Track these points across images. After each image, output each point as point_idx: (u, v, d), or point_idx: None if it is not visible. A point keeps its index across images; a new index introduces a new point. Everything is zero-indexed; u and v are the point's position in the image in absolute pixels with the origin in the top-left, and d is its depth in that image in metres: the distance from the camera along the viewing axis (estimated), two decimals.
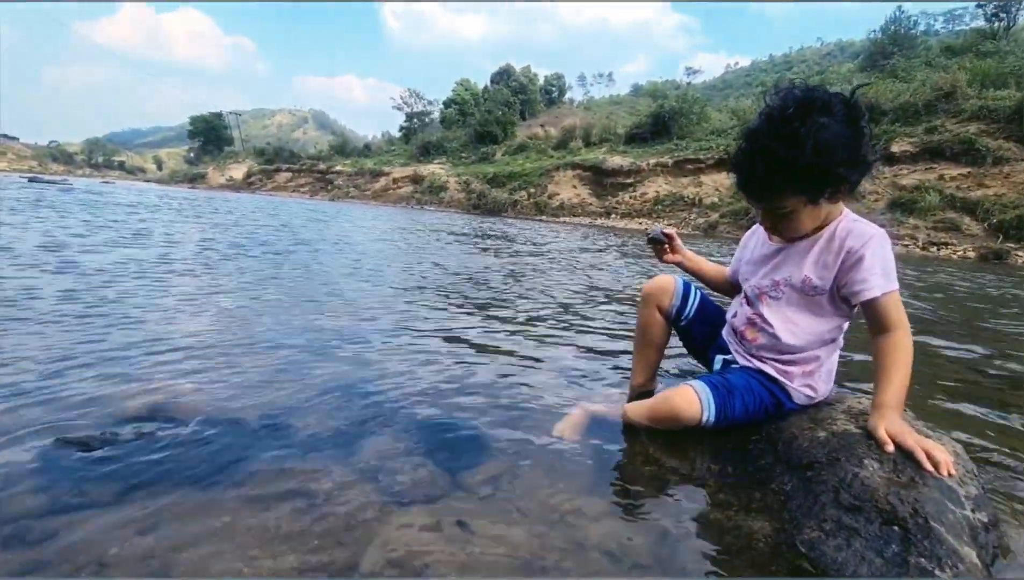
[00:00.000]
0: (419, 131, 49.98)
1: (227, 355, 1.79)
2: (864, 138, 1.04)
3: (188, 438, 1.19)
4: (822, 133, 0.99)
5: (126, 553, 0.81)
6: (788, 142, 1.01)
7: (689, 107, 24.74)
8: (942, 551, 0.80)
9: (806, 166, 1.01)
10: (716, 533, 0.97)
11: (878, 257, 1.09)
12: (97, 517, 0.90)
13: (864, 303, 1.11)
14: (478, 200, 24.37)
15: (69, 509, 0.91)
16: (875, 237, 1.11)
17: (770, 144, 1.04)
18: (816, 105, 1.01)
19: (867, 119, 1.06)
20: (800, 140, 0.99)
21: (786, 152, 1.01)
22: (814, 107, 1.01)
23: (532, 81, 55.86)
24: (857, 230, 1.13)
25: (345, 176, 36.15)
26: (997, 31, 24.93)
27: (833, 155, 1.00)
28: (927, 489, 0.92)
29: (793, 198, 1.09)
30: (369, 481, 1.07)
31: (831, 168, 1.02)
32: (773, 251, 1.28)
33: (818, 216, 1.15)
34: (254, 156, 51.85)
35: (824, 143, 0.99)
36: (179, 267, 3.63)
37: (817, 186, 1.06)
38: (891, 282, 1.09)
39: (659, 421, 1.27)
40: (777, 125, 1.03)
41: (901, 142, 14.90)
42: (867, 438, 1.06)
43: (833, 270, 1.14)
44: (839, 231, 1.15)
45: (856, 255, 1.10)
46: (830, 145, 0.99)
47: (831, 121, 1.00)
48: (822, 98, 1.02)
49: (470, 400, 1.54)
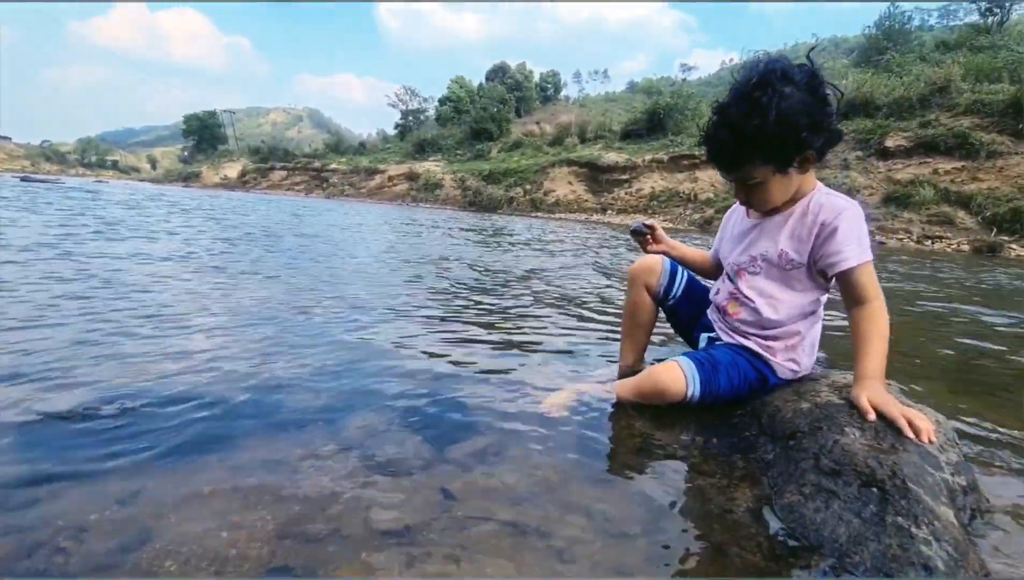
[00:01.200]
0: (414, 129, 49.85)
1: (215, 337, 1.79)
2: (827, 106, 1.05)
3: (172, 414, 1.19)
4: (784, 102, 1.01)
5: (105, 519, 0.81)
6: (752, 112, 1.03)
7: (684, 103, 24.77)
8: (919, 510, 0.81)
9: (770, 135, 1.03)
10: (699, 500, 0.98)
11: (853, 228, 1.10)
12: (78, 487, 0.90)
13: (839, 275, 1.11)
14: (474, 197, 24.33)
15: (51, 479, 0.91)
16: (848, 209, 1.12)
17: (735, 115, 1.06)
18: (777, 75, 1.03)
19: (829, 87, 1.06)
20: (763, 109, 1.01)
21: (750, 122, 1.03)
22: (775, 77, 1.03)
23: (528, 78, 55.77)
24: (830, 203, 1.14)
25: (340, 174, 36.05)
26: (991, 26, 25.01)
27: (796, 122, 1.02)
28: (907, 454, 0.92)
29: (762, 168, 1.10)
30: (354, 453, 1.07)
31: (795, 135, 1.04)
32: (750, 227, 1.29)
33: (788, 187, 1.15)
34: (248, 155, 51.62)
35: (786, 111, 1.01)
36: (170, 255, 3.61)
37: (783, 154, 1.08)
38: (865, 253, 1.10)
39: (645, 397, 1.28)
40: (741, 97, 1.05)
41: (895, 137, 14.95)
42: (849, 408, 1.07)
43: (808, 243, 1.15)
44: (812, 204, 1.15)
45: (830, 227, 1.10)
46: (793, 112, 1.01)
47: (793, 90, 1.02)
48: (783, 68, 1.04)
49: (458, 378, 1.54)
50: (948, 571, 0.73)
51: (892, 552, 0.76)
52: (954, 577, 0.72)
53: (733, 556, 0.81)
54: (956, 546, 0.78)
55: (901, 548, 0.76)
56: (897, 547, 0.76)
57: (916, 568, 0.73)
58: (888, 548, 0.77)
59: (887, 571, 0.74)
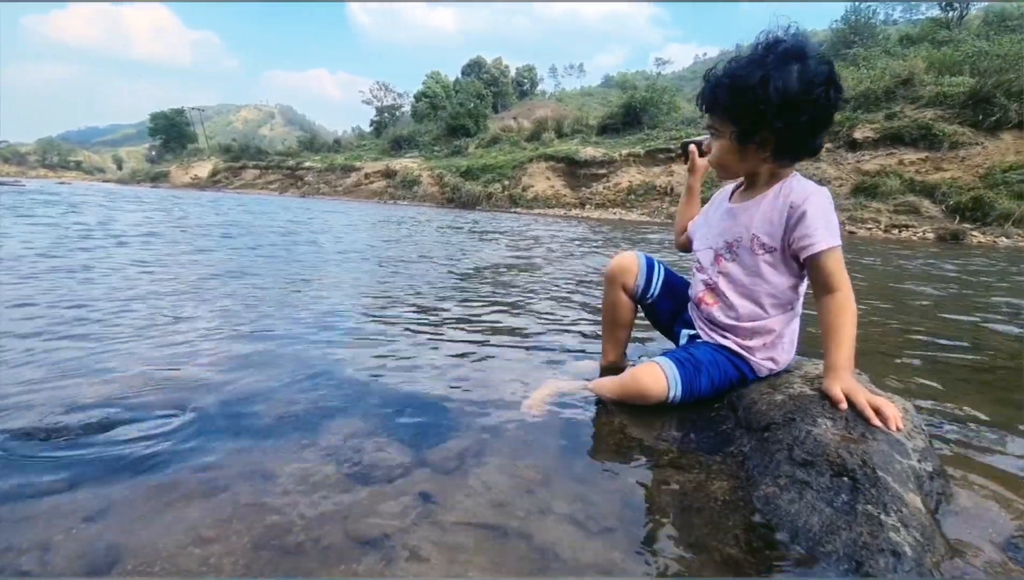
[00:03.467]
0: (390, 125, 49.30)
1: (184, 344, 1.74)
2: (809, 100, 1.06)
3: (140, 426, 1.16)
4: (774, 72, 1.05)
5: (71, 538, 0.78)
6: (747, 66, 1.09)
7: (659, 97, 24.99)
8: (888, 497, 0.83)
9: (744, 90, 1.09)
10: (679, 496, 0.99)
11: (820, 212, 1.12)
12: (42, 505, 0.87)
13: (809, 260, 1.13)
14: (452, 193, 24.18)
15: (11, 497, 0.88)
16: (815, 193, 1.14)
17: (737, 64, 1.12)
18: (791, 52, 1.06)
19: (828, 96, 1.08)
20: (756, 66, 1.08)
21: (740, 72, 1.10)
22: (788, 51, 1.06)
23: (504, 73, 55.62)
24: (799, 187, 1.16)
25: (315, 172, 35.40)
26: (951, 20, 25.84)
27: (766, 93, 1.05)
28: (876, 443, 0.95)
29: (727, 122, 1.17)
30: (332, 460, 1.05)
31: (759, 104, 1.07)
32: (727, 211, 1.31)
33: (743, 161, 1.20)
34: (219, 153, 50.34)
35: (769, 80, 1.05)
36: (137, 258, 3.50)
37: (744, 118, 1.12)
38: (834, 237, 1.11)
39: (627, 399, 1.29)
40: (757, 52, 1.10)
41: (863, 128, 15.33)
42: (821, 398, 1.09)
43: (780, 227, 1.17)
44: (783, 189, 1.18)
45: (799, 210, 1.12)
46: (771, 84, 1.05)
47: (790, 70, 1.05)
48: (801, 49, 1.07)
49: (437, 380, 1.53)
50: (916, 556, 0.75)
51: (863, 540, 0.78)
52: (921, 563, 0.75)
53: (712, 550, 0.83)
54: (923, 531, 0.80)
55: (871, 536, 0.78)
56: (868, 535, 0.78)
57: (886, 555, 0.75)
58: (859, 536, 0.79)
59: (858, 558, 0.76)
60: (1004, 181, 11.79)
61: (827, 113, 1.10)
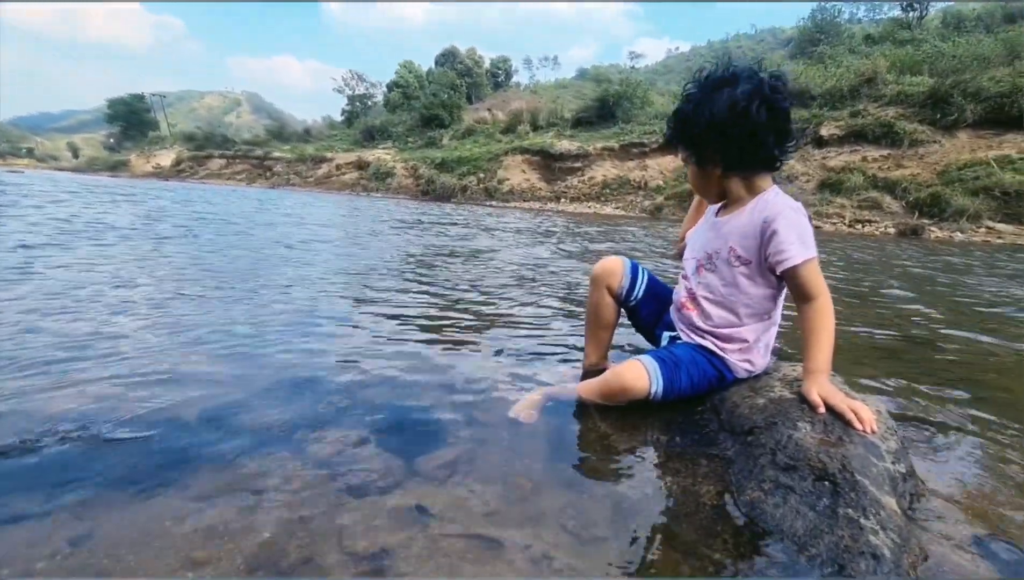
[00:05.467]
0: (362, 115, 48.37)
1: (161, 351, 1.69)
2: (743, 126, 1.15)
3: (122, 442, 1.12)
4: (708, 101, 1.17)
5: (55, 565, 0.76)
6: (688, 99, 1.23)
7: (632, 91, 25.18)
8: (866, 501, 0.87)
9: (687, 122, 1.23)
10: (665, 500, 1.01)
11: (792, 227, 1.15)
12: (21, 529, 0.83)
13: (785, 273, 1.17)
14: (427, 186, 23.92)
15: None
16: (786, 209, 1.18)
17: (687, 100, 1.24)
18: (719, 80, 1.18)
19: (757, 115, 1.15)
20: (691, 100, 1.22)
21: (686, 108, 1.23)
22: (717, 80, 1.18)
23: (478, 64, 55.11)
24: (772, 203, 1.20)
25: (284, 162, 34.48)
26: (912, 21, 26.76)
27: (709, 124, 1.17)
28: (853, 446, 0.99)
29: (684, 151, 1.29)
30: (322, 473, 1.04)
31: (703, 133, 1.20)
32: (711, 224, 1.35)
33: (707, 184, 1.30)
34: (183, 141, 48.58)
35: (703, 109, 1.18)
36: (104, 256, 3.36)
37: (693, 146, 1.26)
38: (809, 250, 1.15)
39: (610, 396, 1.31)
40: (696, 84, 1.23)
41: (829, 125, 15.79)
42: (801, 402, 1.14)
43: (755, 241, 1.21)
44: (759, 204, 1.22)
45: (771, 227, 1.16)
46: (712, 115, 1.16)
47: (723, 96, 1.15)
48: (733, 76, 1.16)
49: (424, 386, 1.53)
50: (894, 558, 0.79)
51: (845, 543, 0.82)
52: (899, 564, 0.79)
53: (701, 555, 0.85)
54: (900, 533, 0.84)
55: (852, 539, 0.82)
56: (849, 538, 0.82)
57: (866, 557, 0.79)
58: (841, 539, 0.82)
59: (841, 561, 0.80)
60: (959, 178, 12.32)
61: (759, 127, 1.15)
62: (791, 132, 1.20)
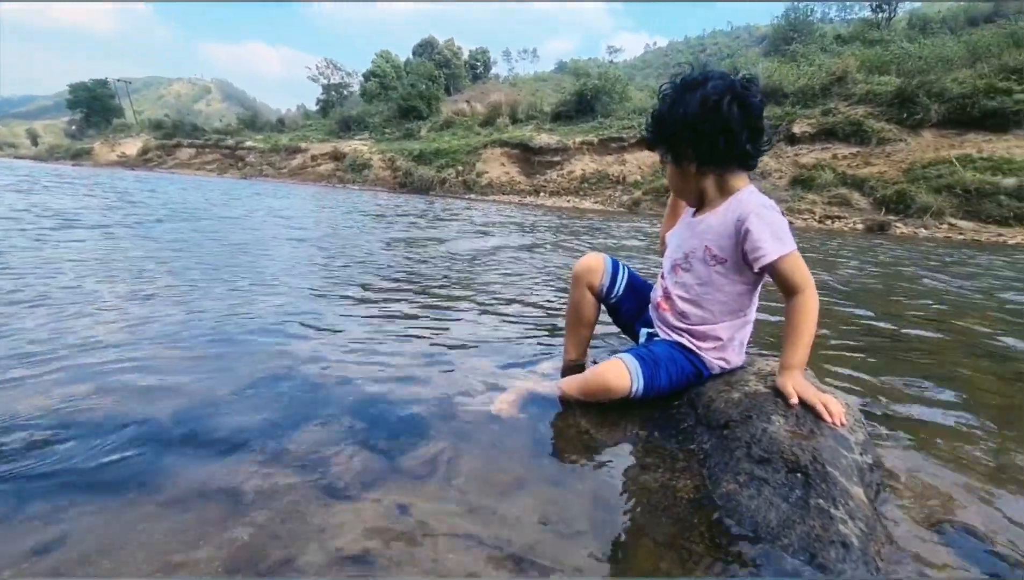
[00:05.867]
0: (338, 105, 47.42)
1: (130, 350, 1.64)
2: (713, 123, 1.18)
3: (91, 444, 1.09)
4: (680, 101, 1.21)
5: (24, 573, 0.73)
6: (665, 102, 1.26)
7: (611, 86, 25.26)
8: (836, 491, 0.91)
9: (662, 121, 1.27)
10: (644, 494, 1.03)
11: (764, 224, 1.18)
12: None
13: (765, 268, 1.20)
14: (404, 178, 23.62)
15: None
16: (758, 207, 1.20)
17: (660, 99, 1.28)
18: (692, 82, 1.21)
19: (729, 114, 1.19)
20: (669, 102, 1.24)
21: (661, 107, 1.27)
22: (690, 82, 1.21)
23: (456, 55, 54.51)
24: (745, 202, 1.22)
25: (257, 153, 33.57)
26: (881, 21, 27.47)
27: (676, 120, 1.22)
28: (824, 438, 1.03)
29: (662, 150, 1.31)
30: (301, 474, 1.03)
31: (677, 130, 1.24)
32: (688, 224, 1.37)
33: (685, 181, 1.32)
34: (150, 130, 46.88)
35: (677, 107, 1.22)
36: (68, 251, 3.24)
37: (671, 144, 1.28)
38: (785, 245, 1.17)
39: (592, 394, 1.33)
40: (670, 86, 1.26)
41: (801, 123, 16.12)
42: (775, 396, 1.17)
43: (731, 240, 1.23)
44: (732, 204, 1.25)
45: (744, 226, 1.19)
46: (686, 113, 1.20)
47: (694, 97, 1.18)
48: (702, 77, 1.20)
49: (404, 382, 1.52)
50: (862, 546, 0.83)
51: (816, 533, 0.85)
52: (866, 551, 0.82)
53: (680, 548, 0.87)
54: (867, 522, 0.88)
55: (823, 529, 0.85)
56: (820, 528, 0.85)
57: (836, 546, 0.82)
58: (812, 529, 0.85)
59: (812, 550, 0.83)
60: (924, 176, 12.74)
61: (732, 122, 1.17)
62: (764, 129, 1.23)
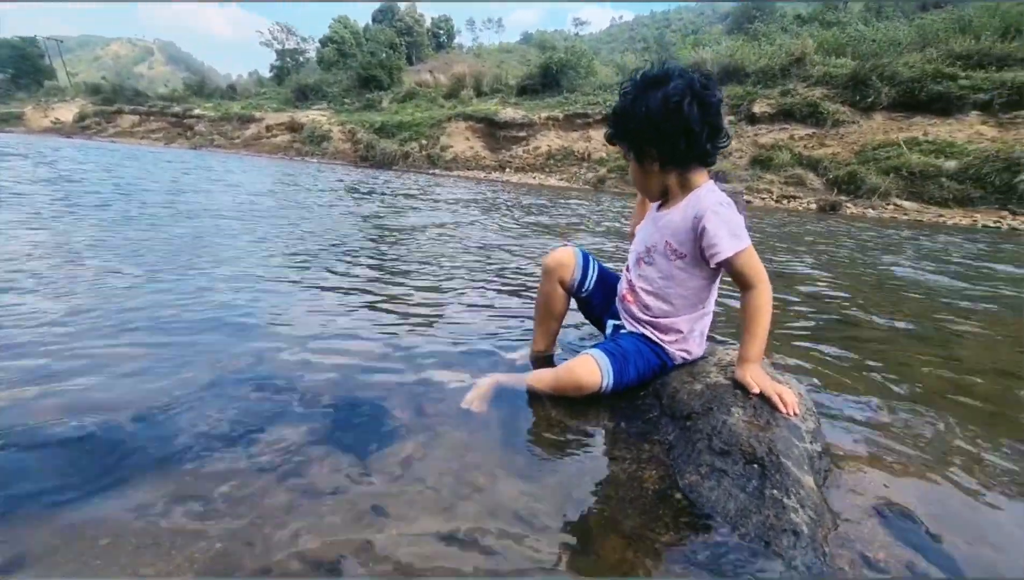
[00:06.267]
0: (293, 72, 45.24)
1: (84, 342, 1.57)
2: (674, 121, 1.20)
3: (45, 450, 1.05)
4: (642, 99, 1.23)
5: None
6: (624, 96, 1.28)
7: (577, 60, 25.03)
8: (789, 481, 0.97)
9: (624, 117, 1.27)
10: (613, 486, 1.08)
11: (721, 221, 1.22)
12: None
13: (721, 264, 1.25)
14: (366, 151, 22.90)
15: None
16: (714, 204, 1.24)
17: (621, 96, 1.29)
18: (653, 79, 1.23)
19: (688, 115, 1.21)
20: (631, 99, 1.25)
21: (623, 104, 1.27)
22: (651, 79, 1.23)
23: (418, 22, 52.65)
24: (703, 199, 1.26)
25: (207, 121, 31.79)
26: (838, 3, 28.06)
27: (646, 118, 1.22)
28: (779, 429, 1.09)
29: (624, 147, 1.32)
30: (272, 476, 1.02)
31: (639, 128, 1.24)
32: (652, 219, 1.41)
33: (647, 179, 1.34)
34: (87, 94, 43.68)
35: (639, 106, 1.23)
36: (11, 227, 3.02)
37: (632, 141, 1.30)
38: (740, 241, 1.22)
39: (563, 390, 1.36)
40: (633, 83, 1.27)
41: (761, 103, 16.46)
42: (735, 387, 1.23)
43: (689, 236, 1.28)
44: (691, 200, 1.29)
45: (701, 223, 1.23)
46: (648, 110, 1.21)
47: (657, 95, 1.20)
48: (665, 74, 1.22)
49: (373, 377, 1.51)
50: (811, 533, 0.89)
51: (770, 522, 0.91)
52: (815, 538, 0.89)
53: (647, 539, 0.92)
54: (816, 509, 0.95)
55: (776, 518, 0.91)
56: (774, 517, 0.91)
57: (788, 534, 0.88)
58: (767, 518, 0.91)
59: (767, 538, 0.89)
60: (874, 158, 13.29)
61: (692, 122, 1.19)
62: (723, 127, 1.26)
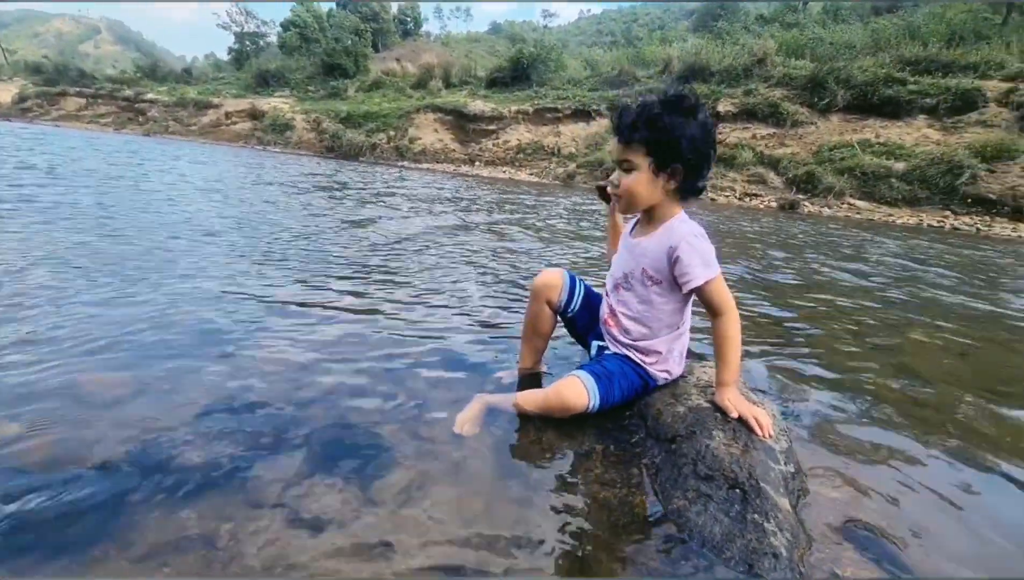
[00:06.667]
0: (253, 56, 43.60)
1: (49, 367, 1.52)
2: (710, 147, 1.30)
3: (32, 498, 1.02)
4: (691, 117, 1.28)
5: None
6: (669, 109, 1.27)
7: (547, 54, 25.04)
8: (768, 505, 1.05)
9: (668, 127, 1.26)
10: (606, 511, 1.14)
11: (695, 251, 1.31)
12: None
13: (692, 291, 1.34)
14: (332, 141, 22.34)
15: None
16: (688, 235, 1.32)
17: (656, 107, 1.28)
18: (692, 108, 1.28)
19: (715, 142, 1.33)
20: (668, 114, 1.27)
21: (661, 111, 1.27)
22: (694, 108, 1.28)
23: (385, 9, 51.45)
24: (677, 229, 1.35)
25: (161, 106, 30.27)
26: (798, 4, 28.96)
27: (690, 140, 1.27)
28: (756, 452, 1.18)
29: (644, 156, 1.31)
30: (277, 513, 1.04)
31: (680, 144, 1.27)
32: (627, 246, 1.49)
33: (653, 192, 1.36)
34: (26, 73, 41.02)
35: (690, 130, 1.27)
36: None
37: (663, 150, 1.29)
38: (711, 270, 1.31)
39: (550, 411, 1.42)
40: (669, 100, 1.28)
41: (725, 102, 16.89)
42: (715, 410, 1.31)
43: (664, 264, 1.36)
44: (666, 231, 1.37)
45: (676, 252, 1.32)
46: (692, 134, 1.27)
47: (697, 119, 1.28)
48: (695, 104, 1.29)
49: (364, 401, 1.52)
50: (788, 555, 0.97)
51: (752, 546, 0.99)
52: (792, 559, 0.97)
53: (640, 565, 0.99)
54: (792, 531, 1.03)
55: (758, 541, 0.99)
56: (755, 541, 0.99)
57: (769, 557, 0.96)
58: (750, 542, 0.99)
59: (750, 562, 0.97)
60: (830, 158, 13.87)
61: (709, 158, 1.32)
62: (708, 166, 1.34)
